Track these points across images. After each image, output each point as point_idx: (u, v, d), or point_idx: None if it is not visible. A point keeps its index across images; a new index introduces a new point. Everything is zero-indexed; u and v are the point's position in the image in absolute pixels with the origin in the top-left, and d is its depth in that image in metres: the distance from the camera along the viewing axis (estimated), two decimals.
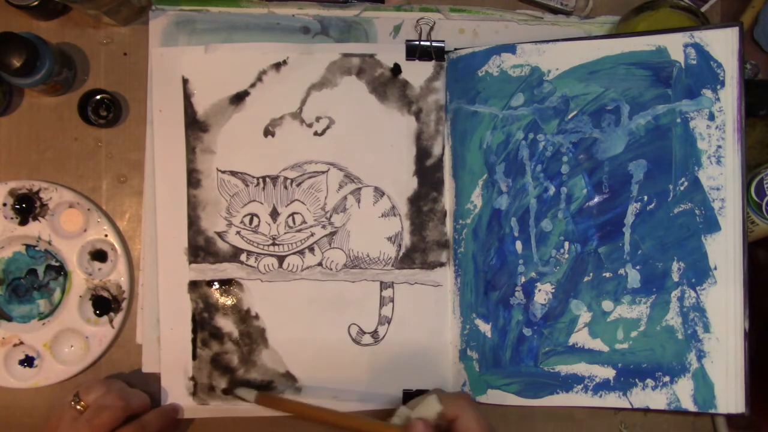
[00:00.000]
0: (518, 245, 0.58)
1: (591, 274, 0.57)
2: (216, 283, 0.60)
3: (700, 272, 0.55)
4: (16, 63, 0.54)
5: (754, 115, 0.60)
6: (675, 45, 0.55)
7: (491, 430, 0.50)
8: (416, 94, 0.61)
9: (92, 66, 0.62)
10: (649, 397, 0.56)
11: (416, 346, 0.61)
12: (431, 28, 0.62)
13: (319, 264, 0.61)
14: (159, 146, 0.60)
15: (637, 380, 0.56)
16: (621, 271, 0.56)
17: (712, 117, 0.54)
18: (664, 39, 0.55)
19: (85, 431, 0.50)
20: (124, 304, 0.60)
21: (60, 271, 0.61)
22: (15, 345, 0.59)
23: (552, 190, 0.58)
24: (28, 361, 0.60)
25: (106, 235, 0.60)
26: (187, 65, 0.60)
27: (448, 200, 0.62)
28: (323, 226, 0.60)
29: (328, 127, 0.61)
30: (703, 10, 0.61)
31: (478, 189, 0.60)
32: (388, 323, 0.61)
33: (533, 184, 0.58)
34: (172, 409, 0.59)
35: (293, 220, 0.60)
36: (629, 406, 0.56)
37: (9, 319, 0.60)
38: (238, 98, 0.60)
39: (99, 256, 0.61)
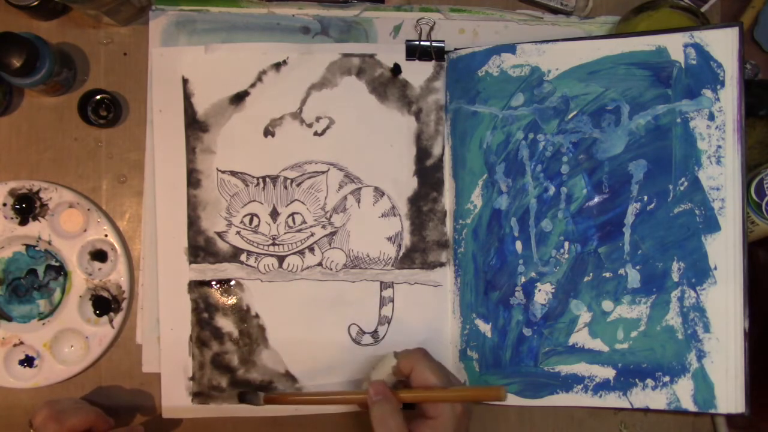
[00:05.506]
0: (518, 245, 0.58)
1: (591, 274, 0.57)
2: (216, 283, 0.60)
3: (700, 272, 0.55)
4: (16, 63, 0.54)
5: (754, 115, 0.60)
6: (675, 45, 0.55)
7: (446, 378, 0.52)
8: (416, 94, 0.61)
9: (92, 66, 0.62)
10: (649, 397, 0.56)
11: (416, 346, 0.61)
12: (431, 28, 0.62)
13: (319, 264, 0.61)
14: (159, 146, 0.60)
15: (637, 380, 0.56)
16: (621, 271, 0.56)
17: (712, 117, 0.54)
18: (664, 39, 0.55)
19: None
20: (124, 304, 0.60)
21: (60, 271, 0.61)
22: (15, 345, 0.59)
23: (552, 190, 0.58)
24: (28, 361, 0.60)
25: (106, 235, 0.60)
26: (187, 65, 0.60)
27: (448, 200, 0.62)
28: (323, 226, 0.60)
29: (328, 127, 0.61)
30: (703, 10, 0.61)
31: (478, 189, 0.60)
32: (388, 323, 0.61)
33: (533, 184, 0.58)
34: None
35: (293, 220, 0.60)
36: (629, 406, 0.56)
37: (9, 319, 0.60)
38: (238, 98, 0.60)
39: (99, 256, 0.61)
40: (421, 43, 0.62)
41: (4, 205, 0.59)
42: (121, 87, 0.62)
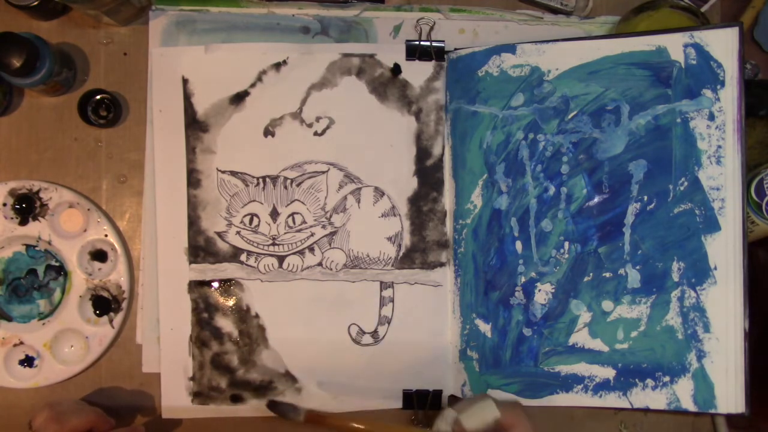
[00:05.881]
0: (518, 245, 0.58)
1: (591, 274, 0.57)
2: (216, 283, 0.60)
3: (700, 272, 0.55)
4: (16, 63, 0.54)
5: (754, 115, 0.60)
6: (675, 45, 0.55)
7: None
8: (416, 94, 0.61)
9: (92, 66, 0.62)
10: (649, 397, 0.56)
11: (416, 346, 0.61)
12: (431, 28, 0.62)
13: (319, 264, 0.61)
14: (159, 146, 0.60)
15: (637, 380, 0.56)
16: (621, 271, 0.56)
17: (712, 117, 0.54)
18: (664, 39, 0.55)
19: None
20: (124, 304, 0.60)
21: (60, 271, 0.61)
22: (15, 345, 0.59)
23: (552, 190, 0.58)
24: (28, 361, 0.60)
25: (106, 235, 0.60)
26: (187, 65, 0.60)
27: (448, 200, 0.62)
28: (323, 226, 0.60)
29: (328, 127, 0.61)
30: (703, 10, 0.61)
31: (478, 189, 0.60)
32: (388, 323, 0.61)
33: (533, 184, 0.58)
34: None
35: (293, 220, 0.60)
36: (629, 406, 0.56)
37: (9, 319, 0.60)
38: (238, 98, 0.60)
39: (99, 256, 0.61)
40: (421, 43, 0.62)
41: (4, 205, 0.59)
42: (121, 87, 0.62)
